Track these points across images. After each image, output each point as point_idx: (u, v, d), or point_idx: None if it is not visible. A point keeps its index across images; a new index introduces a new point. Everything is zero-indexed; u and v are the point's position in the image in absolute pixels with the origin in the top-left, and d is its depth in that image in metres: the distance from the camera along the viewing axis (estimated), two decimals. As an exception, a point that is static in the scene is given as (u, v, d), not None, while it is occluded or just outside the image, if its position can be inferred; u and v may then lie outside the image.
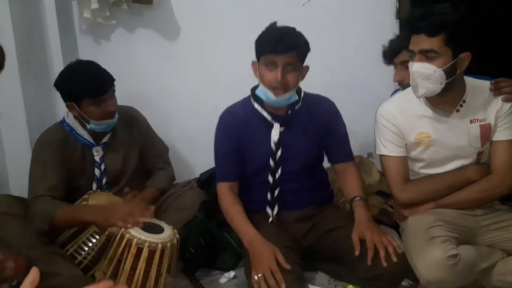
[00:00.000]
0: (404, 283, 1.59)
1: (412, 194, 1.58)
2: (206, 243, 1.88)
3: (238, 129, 1.68)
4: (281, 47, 1.51)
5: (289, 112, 1.66)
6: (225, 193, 1.70)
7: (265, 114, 1.66)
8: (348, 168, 1.74)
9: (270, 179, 1.69)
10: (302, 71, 1.62)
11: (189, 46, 2.19)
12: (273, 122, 1.65)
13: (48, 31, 2.28)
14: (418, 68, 1.43)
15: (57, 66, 2.28)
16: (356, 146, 2.30)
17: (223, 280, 1.78)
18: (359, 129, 2.30)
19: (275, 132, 1.64)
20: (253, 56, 1.83)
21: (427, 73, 1.42)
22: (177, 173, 2.14)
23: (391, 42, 1.89)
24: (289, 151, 1.66)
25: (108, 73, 1.79)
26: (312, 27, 2.30)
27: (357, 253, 1.49)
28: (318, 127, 1.68)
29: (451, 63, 1.42)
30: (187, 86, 2.40)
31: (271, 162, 1.67)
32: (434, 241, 1.40)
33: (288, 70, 1.55)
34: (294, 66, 1.56)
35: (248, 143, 1.68)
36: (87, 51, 2.41)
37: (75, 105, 1.75)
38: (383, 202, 1.95)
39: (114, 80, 1.80)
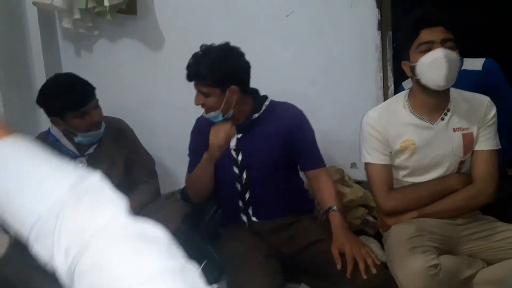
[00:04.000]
0: (386, 294, 1.59)
1: (396, 202, 1.59)
2: (189, 255, 1.85)
3: (205, 134, 1.72)
4: (187, 76, 1.60)
5: (247, 120, 1.70)
6: None
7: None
8: (319, 175, 1.73)
9: (238, 185, 1.71)
10: (225, 93, 1.60)
11: (174, 57, 2.18)
12: None
13: (31, 41, 2.26)
14: (445, 52, 1.44)
15: (39, 77, 2.26)
16: (340, 157, 2.33)
17: (205, 293, 1.76)
18: (342, 139, 2.32)
19: (232, 138, 1.66)
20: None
21: (453, 57, 1.44)
22: (163, 184, 2.13)
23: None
24: (249, 157, 1.68)
25: (87, 83, 1.77)
26: (295, 39, 2.34)
27: (338, 267, 1.49)
28: (282, 134, 1.69)
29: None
30: (172, 96, 2.39)
31: (235, 168, 1.70)
32: (415, 251, 1.41)
33: (203, 96, 1.60)
34: (204, 94, 1.59)
35: None
36: (70, 62, 2.39)
37: (59, 120, 1.74)
38: (366, 213, 1.96)
39: (94, 89, 1.79)
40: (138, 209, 1.85)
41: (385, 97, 2.29)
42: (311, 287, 1.71)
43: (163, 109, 2.43)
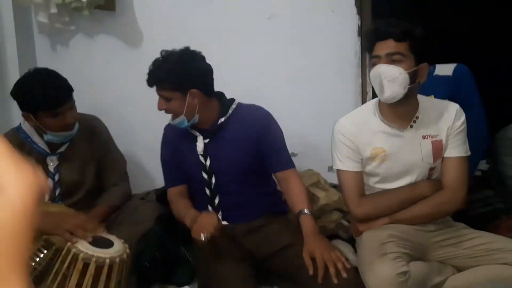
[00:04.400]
0: (357, 298, 1.60)
1: (367, 208, 1.60)
2: (162, 257, 1.84)
3: (173, 142, 1.75)
4: (147, 82, 1.60)
5: (214, 125, 1.70)
6: (174, 196, 1.77)
7: (189, 128, 1.71)
8: (289, 176, 1.72)
9: (207, 191, 1.70)
10: (186, 97, 1.60)
11: (152, 54, 2.14)
12: (197, 135, 1.70)
13: (4, 35, 2.20)
14: (385, 69, 1.46)
15: (13, 71, 2.21)
16: (318, 160, 2.34)
17: (177, 295, 1.74)
18: (320, 143, 2.33)
19: (199, 144, 1.68)
20: (217, 65, 1.83)
21: (394, 74, 1.46)
22: (138, 184, 2.09)
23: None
24: (217, 162, 1.68)
25: (66, 83, 1.72)
26: (277, 41, 2.34)
27: (310, 272, 1.49)
28: (249, 137, 1.69)
29: (414, 68, 1.48)
30: (149, 95, 2.33)
31: (203, 174, 1.69)
32: (385, 258, 1.41)
33: (165, 100, 1.61)
34: (166, 98, 1.60)
35: (182, 156, 1.72)
36: (45, 57, 2.33)
37: (31, 116, 1.69)
38: (340, 217, 1.97)
39: (72, 91, 1.74)
40: (108, 213, 1.81)
41: (363, 102, 2.31)
42: (284, 291, 1.71)
43: (140, 107, 2.39)
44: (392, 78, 1.46)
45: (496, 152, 1.99)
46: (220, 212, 1.72)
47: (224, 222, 1.71)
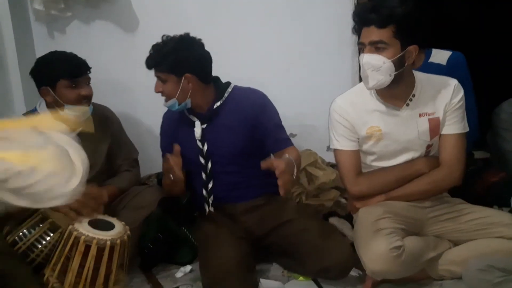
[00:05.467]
0: (354, 273, 1.63)
1: (363, 186, 1.62)
2: (164, 238, 1.88)
3: (172, 128, 1.79)
4: (146, 65, 1.67)
5: (209, 110, 1.71)
6: None
7: (186, 113, 1.74)
8: (288, 153, 1.65)
9: (203, 175, 1.73)
10: (181, 81, 1.64)
11: (149, 40, 2.15)
12: (194, 120, 1.72)
13: (1, 24, 2.20)
14: (368, 59, 1.46)
15: (12, 60, 2.22)
16: (316, 140, 2.35)
17: (179, 274, 1.79)
18: (319, 123, 2.33)
19: (197, 129, 1.70)
20: (213, 49, 1.83)
21: (377, 64, 1.45)
22: (140, 168, 2.12)
23: None
24: (214, 145, 1.71)
25: (84, 61, 1.84)
26: (272, 22, 2.32)
27: (266, 166, 1.42)
28: (245, 119, 1.70)
29: (400, 55, 1.46)
30: (146, 80, 2.35)
31: (201, 159, 1.71)
32: (379, 233, 1.44)
33: (161, 82, 1.67)
34: (162, 80, 1.66)
35: (180, 142, 1.73)
36: (42, 44, 2.33)
37: (50, 89, 1.76)
38: (338, 195, 1.99)
39: (89, 67, 1.84)
40: (116, 195, 1.86)
41: (361, 81, 2.29)
42: (282, 266, 1.75)
43: (138, 92, 2.40)
44: (375, 67, 1.46)
45: (495, 126, 1.97)
46: (212, 197, 1.76)
47: (211, 209, 1.76)
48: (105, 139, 1.93)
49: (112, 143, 1.95)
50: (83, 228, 1.43)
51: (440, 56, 1.98)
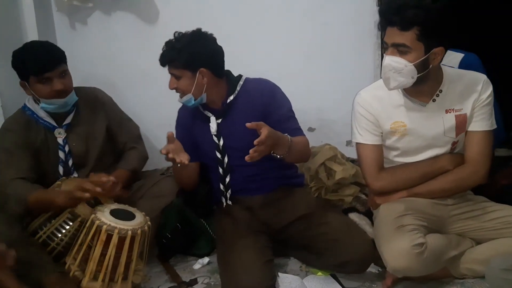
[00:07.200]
0: (373, 270, 1.62)
1: (385, 182, 1.59)
2: (182, 228, 1.89)
3: (187, 124, 1.78)
4: (160, 62, 1.68)
5: (223, 105, 1.71)
6: None
7: (201, 109, 1.73)
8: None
9: (220, 169, 1.73)
10: (196, 76, 1.63)
11: (168, 31, 2.15)
12: (209, 115, 1.71)
13: (24, 14, 2.22)
14: (389, 61, 1.43)
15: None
16: (335, 135, 2.33)
17: (197, 266, 1.80)
18: (338, 117, 2.31)
19: (213, 125, 1.70)
20: (233, 41, 1.81)
21: (398, 67, 1.42)
22: (158, 159, 2.12)
23: None
24: (230, 139, 1.70)
25: (58, 51, 1.78)
26: (293, 14, 2.30)
27: (251, 126, 1.42)
28: (256, 110, 1.68)
29: (423, 58, 1.40)
30: (166, 71, 2.37)
31: (217, 153, 1.72)
32: (402, 230, 1.42)
33: (175, 79, 1.67)
34: (176, 77, 1.66)
35: (196, 137, 1.75)
36: (64, 35, 2.36)
37: (26, 84, 1.75)
38: (358, 190, 1.97)
39: (63, 58, 1.78)
40: (129, 177, 1.86)
41: (383, 75, 2.26)
42: (300, 261, 1.75)
43: (156, 84, 2.37)
44: (396, 70, 1.42)
45: None
46: (229, 191, 1.75)
47: (229, 202, 1.75)
48: (100, 120, 1.92)
49: (110, 123, 1.94)
50: (105, 218, 1.44)
51: (452, 58, 1.90)
